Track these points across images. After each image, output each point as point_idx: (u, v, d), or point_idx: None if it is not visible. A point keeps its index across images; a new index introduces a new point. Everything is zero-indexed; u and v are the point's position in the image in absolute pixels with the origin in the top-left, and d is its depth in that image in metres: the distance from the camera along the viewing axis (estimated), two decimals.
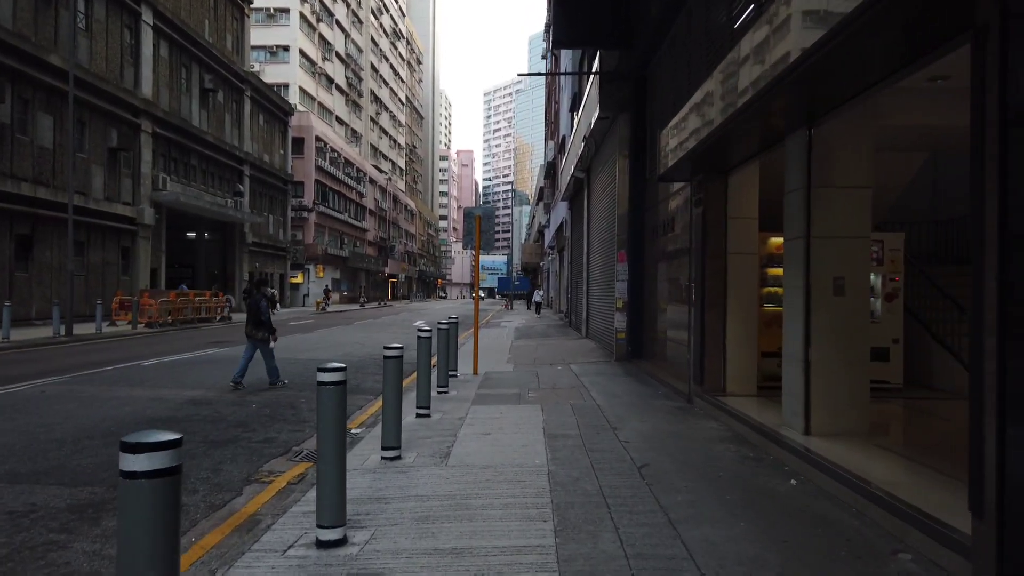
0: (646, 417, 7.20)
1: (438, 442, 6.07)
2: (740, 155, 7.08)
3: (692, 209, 8.11)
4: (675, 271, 9.89)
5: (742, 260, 7.56)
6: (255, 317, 9.38)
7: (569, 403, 8.18)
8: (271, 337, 9.68)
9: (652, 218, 11.83)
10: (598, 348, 15.06)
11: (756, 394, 7.52)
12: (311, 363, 12.82)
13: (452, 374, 10.57)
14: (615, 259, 13.54)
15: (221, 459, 5.82)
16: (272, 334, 9.67)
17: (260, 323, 9.43)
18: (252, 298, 9.46)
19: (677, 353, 9.62)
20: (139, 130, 26.60)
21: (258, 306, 9.32)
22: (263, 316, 9.35)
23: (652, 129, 12.05)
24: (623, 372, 11.20)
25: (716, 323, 7.59)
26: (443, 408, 7.89)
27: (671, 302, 10.31)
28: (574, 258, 24.24)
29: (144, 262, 27.03)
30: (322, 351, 15.20)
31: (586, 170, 18.61)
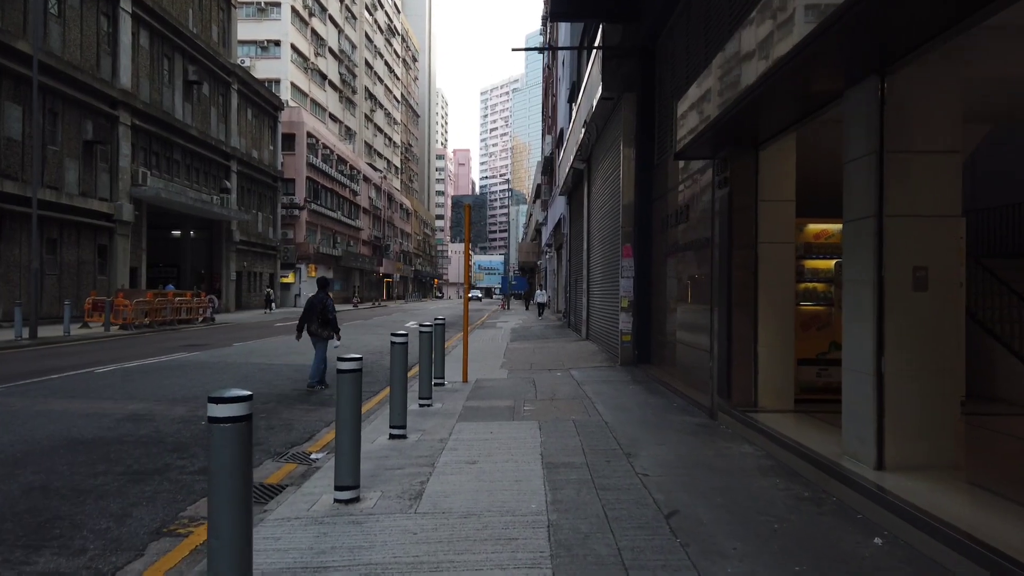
0: (664, 438, 6.02)
1: (411, 475, 4.88)
2: (775, 124, 5.91)
3: (715, 192, 6.94)
4: (690, 266, 8.72)
5: (776, 250, 6.39)
6: (323, 316, 9.33)
7: (571, 419, 7.01)
8: (335, 336, 9.61)
9: (661, 208, 10.66)
10: (600, 351, 13.89)
11: (793, 409, 6.35)
12: (285, 370, 11.63)
13: (439, 382, 9.41)
14: (619, 254, 12.36)
15: (136, 499, 4.63)
16: (336, 334, 9.58)
17: (327, 322, 9.36)
18: (316, 297, 9.42)
19: (692, 359, 8.45)
20: (117, 122, 25.35)
21: (324, 305, 9.31)
22: (330, 315, 9.33)
23: (661, 110, 10.88)
24: (630, 379, 10.03)
25: (745, 325, 6.42)
26: (423, 426, 6.70)
27: (684, 301, 9.14)
28: (573, 255, 23.07)
29: (123, 261, 25.78)
30: (301, 356, 13.99)
31: (586, 160, 17.43)
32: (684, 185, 8.97)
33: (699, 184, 8.10)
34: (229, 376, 10.70)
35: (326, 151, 53.61)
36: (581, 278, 18.86)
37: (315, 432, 6.92)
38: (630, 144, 11.53)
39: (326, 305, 9.36)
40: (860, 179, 4.35)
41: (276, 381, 10.28)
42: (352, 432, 4.24)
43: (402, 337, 6.20)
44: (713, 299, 6.94)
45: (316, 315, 9.32)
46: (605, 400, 8.15)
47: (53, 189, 22.03)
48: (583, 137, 15.47)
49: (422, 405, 7.81)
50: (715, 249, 6.92)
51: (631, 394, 8.65)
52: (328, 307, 9.35)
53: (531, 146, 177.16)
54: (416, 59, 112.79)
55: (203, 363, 12.37)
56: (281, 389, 9.55)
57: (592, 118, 13.76)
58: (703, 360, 7.75)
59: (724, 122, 5.74)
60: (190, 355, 13.74)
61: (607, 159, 14.12)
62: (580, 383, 9.70)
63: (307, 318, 9.38)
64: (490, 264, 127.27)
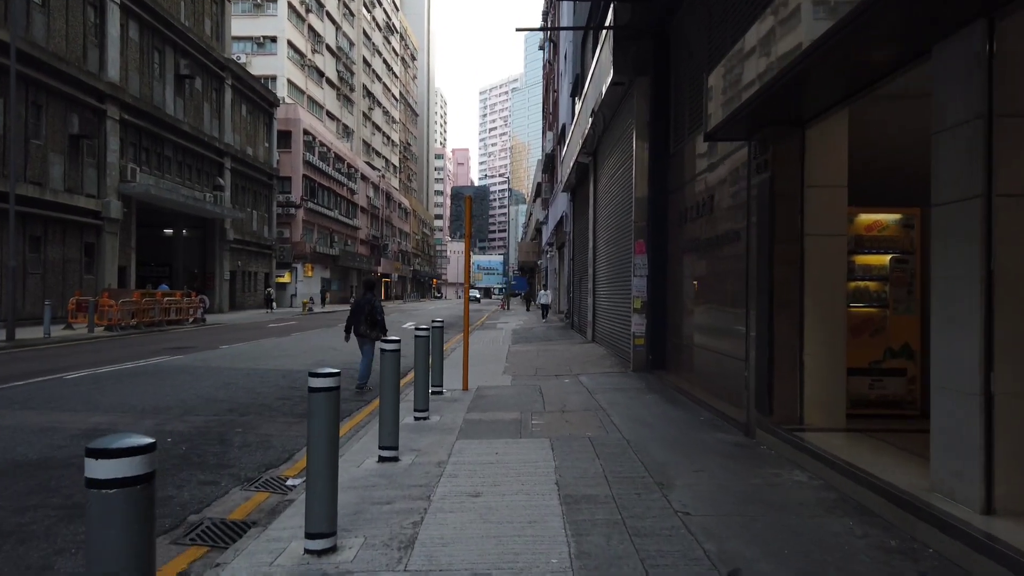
0: (699, 461, 5.18)
1: (401, 513, 4.04)
2: (826, 98, 5.08)
3: (751, 178, 6.10)
4: (715, 263, 7.88)
5: (825, 244, 5.55)
6: (371, 317, 9.26)
7: (587, 435, 6.17)
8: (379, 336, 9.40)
9: (678, 201, 9.82)
10: (609, 355, 13.05)
11: (845, 427, 5.51)
12: (272, 375, 10.77)
13: (436, 391, 8.57)
14: (629, 251, 11.53)
15: (64, 544, 3.78)
16: (384, 335, 9.32)
17: (375, 323, 9.28)
18: (364, 298, 9.36)
19: (718, 366, 7.61)
20: (104, 116, 24.48)
21: (372, 306, 9.26)
22: (378, 316, 9.27)
23: (677, 95, 10.05)
24: (645, 387, 9.19)
25: (788, 330, 5.58)
26: (419, 444, 5.86)
27: (707, 302, 8.30)
28: (577, 253, 22.23)
29: (111, 259, 24.90)
30: (291, 359, 13.15)
31: (592, 154, 16.59)
32: (708, 173, 8.12)
33: (728, 171, 7.26)
34: (209, 383, 9.85)
35: (323, 149, 52.75)
36: (586, 277, 18.03)
37: (295, 450, 6.07)
38: (643, 132, 10.69)
39: (374, 306, 9.29)
40: (956, 152, 3.52)
41: (260, 388, 9.43)
42: (327, 466, 3.39)
43: (393, 344, 5.35)
44: (748, 300, 6.09)
45: (364, 316, 9.26)
46: (621, 412, 7.31)
47: (36, 185, 21.16)
48: (589, 128, 14.63)
49: (418, 418, 6.97)
50: (750, 243, 6.08)
51: (649, 405, 7.80)
52: (376, 308, 9.28)
53: (530, 146, 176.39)
54: (415, 57, 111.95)
55: (184, 368, 11.52)
56: (264, 398, 8.71)
57: (600, 107, 12.92)
58: (732, 369, 6.91)
59: (767, 96, 4.90)
60: (172, 359, 12.88)
61: (616, 151, 13.28)
62: (591, 391, 8.86)
63: (355, 319, 9.29)
64: (489, 264, 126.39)
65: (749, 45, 5.05)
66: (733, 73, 5.45)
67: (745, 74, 5.18)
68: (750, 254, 6.07)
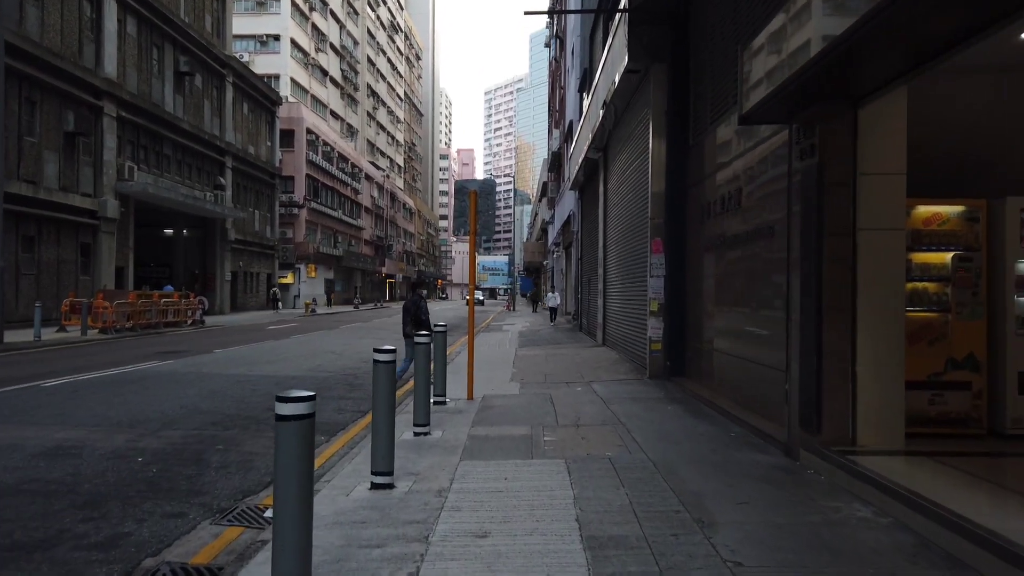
0: (739, 489, 4.49)
1: (393, 561, 3.36)
2: (885, 71, 4.39)
3: (791, 165, 5.40)
4: (744, 261, 7.19)
5: (881, 239, 4.86)
6: (416, 316, 9.30)
7: (606, 455, 5.49)
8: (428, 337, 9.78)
9: (699, 195, 9.13)
10: (622, 360, 12.35)
11: (904, 449, 4.81)
12: (264, 383, 10.12)
13: (439, 401, 7.91)
14: (643, 250, 10.85)
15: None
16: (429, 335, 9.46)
17: (420, 322, 9.23)
18: (411, 299, 9.41)
19: (746, 374, 6.92)
20: (101, 113, 23.90)
21: (418, 305, 9.34)
22: (423, 316, 9.31)
23: (697, 82, 9.36)
24: (665, 397, 8.49)
25: (839, 337, 4.88)
26: (418, 467, 5.19)
27: (734, 304, 7.61)
28: (585, 253, 21.54)
29: (107, 260, 24.33)
30: (286, 363, 12.50)
31: (602, 149, 15.90)
32: (735, 164, 7.42)
33: (762, 159, 6.57)
34: (195, 391, 9.20)
35: (326, 148, 52.20)
36: (596, 277, 17.33)
37: None
38: (660, 123, 9.99)
39: (419, 306, 9.39)
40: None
41: (250, 398, 8.78)
42: (299, 516, 2.72)
43: (387, 354, 4.67)
44: (790, 302, 5.39)
45: (410, 316, 9.35)
46: (643, 427, 6.62)
47: (30, 183, 20.58)
48: (599, 122, 13.94)
49: (418, 434, 6.31)
50: (792, 238, 5.38)
51: (672, 418, 7.10)
52: (421, 308, 9.39)
53: (536, 146, 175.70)
54: (420, 57, 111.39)
55: (172, 374, 10.88)
56: (252, 408, 8.05)
57: (612, 97, 12.23)
58: (767, 379, 6.22)
59: (818, 69, 4.23)
60: (161, 364, 12.24)
61: (629, 145, 12.59)
62: (607, 401, 8.16)
63: (406, 320, 9.39)
64: (494, 264, 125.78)
65: (797, 7, 4.36)
66: (775, 45, 4.76)
67: (790, 44, 4.49)
68: (792, 251, 5.37)
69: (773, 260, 6.21)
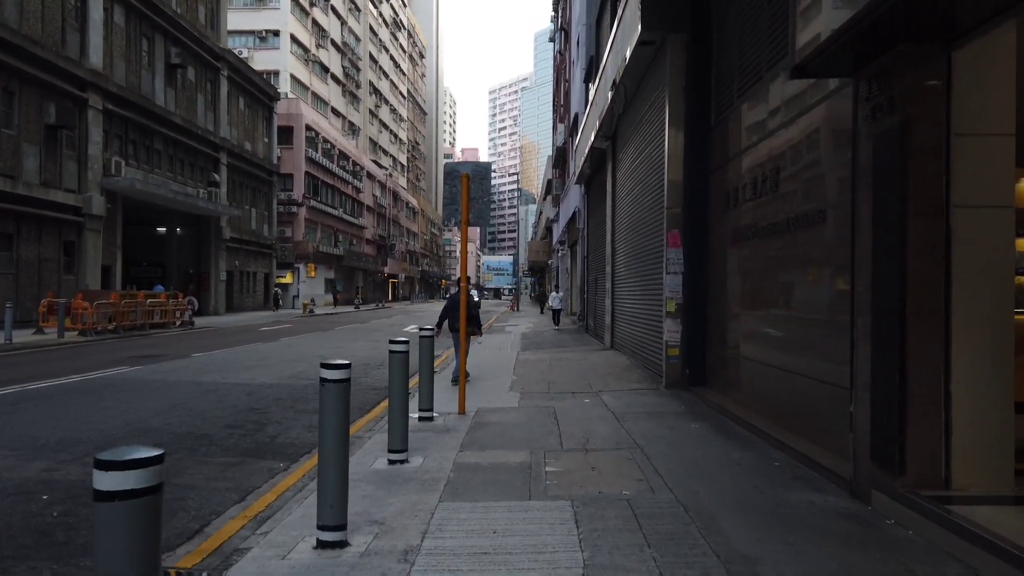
0: (802, 551, 3.37)
1: None
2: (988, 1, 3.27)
3: (861, 129, 4.27)
4: (781, 254, 6.07)
5: (984, 221, 3.74)
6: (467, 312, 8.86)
7: (623, 493, 4.38)
8: (478, 333, 9.99)
9: (722, 181, 8.02)
10: (633, 367, 11.22)
11: (1014, 492, 3.69)
12: (235, 392, 9.04)
13: (425, 416, 6.83)
14: (657, 245, 9.75)
15: None
16: (479, 331, 9.83)
17: (471, 318, 9.18)
18: (457, 295, 9.27)
19: (788, 389, 5.79)
20: (86, 106, 22.90)
21: (471, 301, 9.27)
22: (474, 311, 9.28)
23: (720, 55, 8.24)
24: (686, 411, 7.37)
25: (929, 349, 3.76)
26: (383, 512, 4.09)
27: (767, 304, 6.49)
28: (591, 250, 20.42)
29: (93, 259, 23.32)
30: (266, 370, 11.42)
31: (610, 137, 14.77)
32: (772, 139, 6.29)
33: (810, 129, 5.45)
34: (153, 403, 8.13)
35: (327, 146, 51.18)
36: (604, 276, 16.21)
37: (215, 514, 4.33)
38: (677, 102, 8.87)
39: (470, 302, 9.17)
40: None
41: (213, 411, 7.70)
42: None
43: (338, 371, 3.57)
44: (855, 303, 4.27)
45: (456, 312, 9.23)
46: (665, 452, 5.50)
47: (8, 177, 19.59)
48: (608, 107, 12.83)
49: (393, 461, 5.21)
50: (858, 224, 4.26)
51: (698, 440, 5.98)
52: (471, 304, 9.35)
53: (540, 146, 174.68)
54: (423, 55, 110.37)
55: (136, 383, 9.82)
56: (211, 424, 6.97)
57: (622, 76, 11.11)
58: (820, 397, 5.10)
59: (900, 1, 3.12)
60: (129, 371, 11.18)
61: (640, 129, 11.46)
62: (619, 417, 7.05)
63: (449, 315, 9.39)
64: (498, 264, 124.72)
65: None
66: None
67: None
68: (858, 239, 4.24)
69: (825, 252, 5.09)
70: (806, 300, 5.50)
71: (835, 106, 4.88)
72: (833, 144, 4.96)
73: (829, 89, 4.96)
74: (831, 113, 4.97)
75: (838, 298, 4.79)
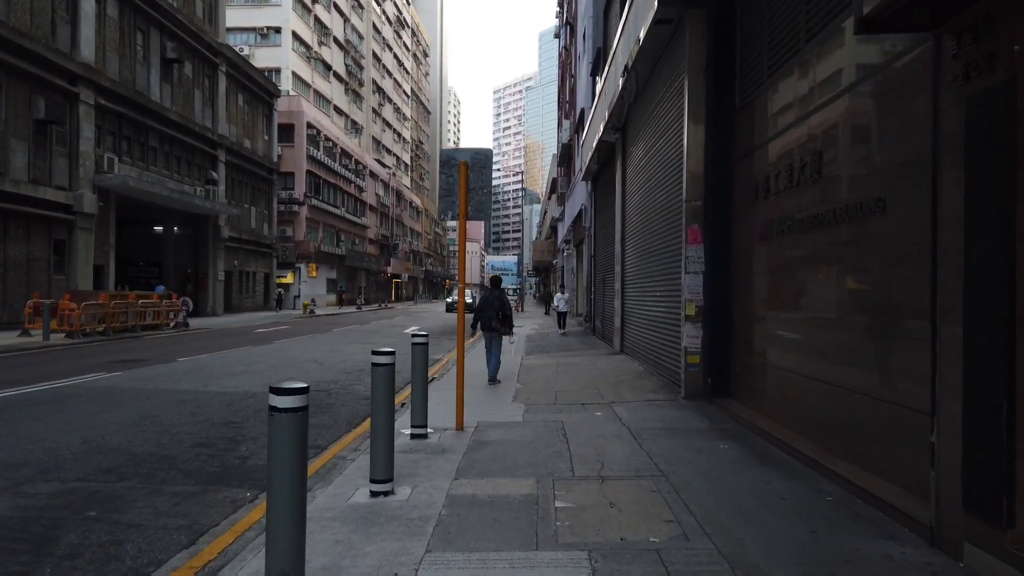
0: None
1: None
2: None
3: (945, 95, 3.46)
4: (824, 251, 5.26)
5: None
6: (502, 312, 9.67)
7: (651, 540, 3.59)
8: (510, 333, 10.08)
9: (749, 170, 7.22)
10: (647, 374, 10.42)
11: None
12: (213, 402, 8.27)
13: (418, 433, 6.07)
14: (676, 241, 8.97)
15: None
16: (510, 330, 9.97)
17: (506, 318, 9.66)
18: (493, 295, 9.73)
19: (838, 406, 4.99)
20: (77, 100, 22.20)
21: (503, 302, 9.71)
22: (507, 311, 9.70)
23: (748, 27, 7.44)
24: (711, 427, 6.57)
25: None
26: (355, 567, 3.30)
27: (806, 308, 5.69)
28: (599, 249, 19.61)
29: (84, 258, 22.63)
30: (252, 376, 10.66)
31: (620, 128, 13.97)
32: (810, 121, 5.49)
33: (858, 105, 4.64)
34: (122, 415, 7.38)
35: (328, 144, 50.49)
36: (612, 276, 15.41)
37: (158, 561, 3.56)
38: (697, 85, 8.06)
39: (503, 302, 9.72)
40: None
41: (184, 426, 6.94)
42: None
43: (292, 399, 2.77)
44: (938, 308, 3.46)
45: (495, 312, 9.59)
46: (694, 481, 4.70)
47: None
48: (618, 96, 12.03)
49: (375, 493, 4.43)
50: (941, 211, 3.45)
51: (731, 465, 5.18)
52: (505, 304, 9.73)
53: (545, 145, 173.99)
54: (427, 54, 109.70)
55: (107, 391, 9.07)
56: (177, 443, 6.20)
57: (634, 61, 10.32)
58: (869, 415, 4.30)
59: None
60: (104, 377, 10.43)
61: (655, 117, 10.66)
62: (637, 435, 6.25)
63: (484, 315, 9.64)
64: (503, 264, 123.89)
65: None
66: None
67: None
68: (942, 229, 3.44)
69: (883, 247, 4.29)
70: (859, 303, 4.70)
71: (899, 72, 4.08)
72: (897, 117, 4.16)
73: (891, 53, 4.16)
74: (892, 81, 4.17)
75: (906, 301, 3.99)
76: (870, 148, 4.58)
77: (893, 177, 4.20)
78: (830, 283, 5.24)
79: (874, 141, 4.53)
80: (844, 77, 4.94)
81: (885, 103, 4.36)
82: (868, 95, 4.60)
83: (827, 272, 5.31)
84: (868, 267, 4.60)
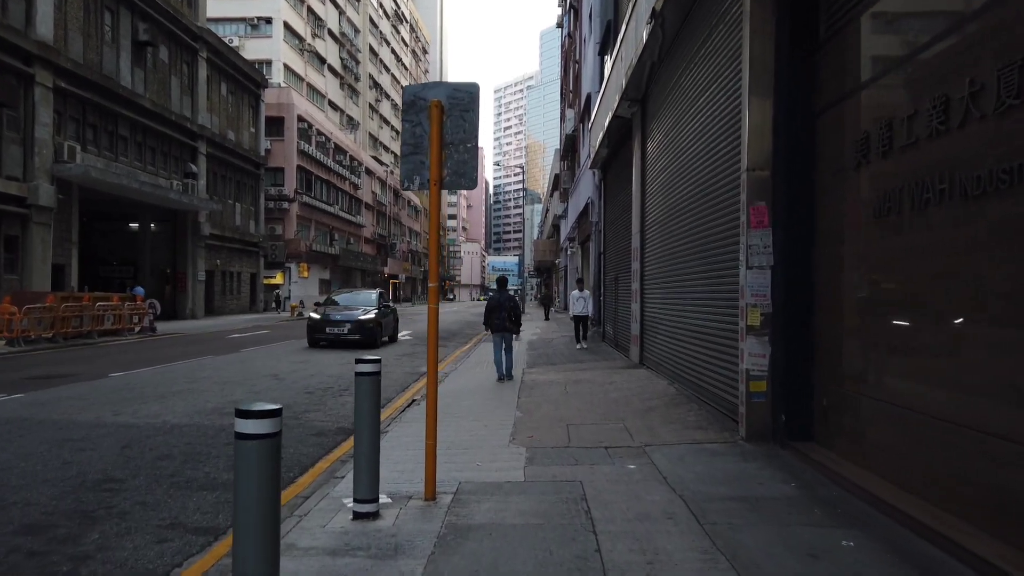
0: None
1: None
2: None
3: None
4: (983, 232, 3.10)
5: None
6: (514, 313, 9.81)
7: None
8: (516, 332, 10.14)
9: (840, 123, 5.09)
10: (681, 396, 8.23)
11: None
12: (111, 438, 6.09)
13: (363, 511, 3.92)
14: (728, 226, 6.86)
15: None
16: (517, 330, 10.09)
17: (518, 318, 9.84)
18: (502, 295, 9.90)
19: (1001, 464, 2.82)
20: (32, 82, 20.10)
21: (514, 302, 9.83)
22: (517, 312, 9.83)
23: None
24: (805, 498, 4.40)
25: None
26: None
27: (942, 321, 3.54)
28: (610, 244, 17.46)
29: (41, 256, 20.51)
30: (188, 398, 8.50)
31: (639, 100, 11.80)
32: (953, 42, 3.33)
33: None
34: None
35: (321, 138, 48.34)
36: (628, 274, 13.25)
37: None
38: (762, 9, 5.91)
39: (515, 303, 9.88)
40: None
41: (34, 486, 4.79)
42: None
43: None
44: None
45: (507, 312, 9.73)
46: None
47: None
48: (640, 54, 9.90)
49: None
50: None
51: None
52: (516, 304, 9.89)
53: (546, 145, 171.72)
54: (427, 51, 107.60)
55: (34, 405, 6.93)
56: (24, 517, 4.05)
57: (664, 6, 8.18)
58: None
59: None
60: (5, 400, 8.29)
61: (691, 72, 8.49)
62: (699, 515, 4.08)
63: (495, 315, 9.79)
64: (504, 265, 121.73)
65: None
66: None
67: None
68: None
69: None
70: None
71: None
72: None
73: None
74: None
75: None
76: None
77: None
78: (1000, 281, 3.09)
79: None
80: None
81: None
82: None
83: (993, 264, 3.15)
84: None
